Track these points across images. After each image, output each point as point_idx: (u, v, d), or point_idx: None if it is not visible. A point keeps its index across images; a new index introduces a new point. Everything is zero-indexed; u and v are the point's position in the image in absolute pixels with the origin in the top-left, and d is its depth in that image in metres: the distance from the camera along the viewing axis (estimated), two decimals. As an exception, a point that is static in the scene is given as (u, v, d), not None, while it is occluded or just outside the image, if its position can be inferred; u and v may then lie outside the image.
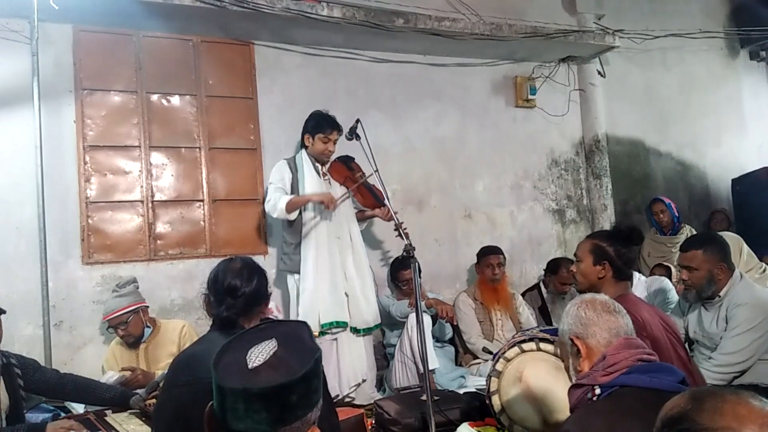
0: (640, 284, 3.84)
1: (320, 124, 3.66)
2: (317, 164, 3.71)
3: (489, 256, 4.29)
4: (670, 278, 4.10)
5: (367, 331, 3.65)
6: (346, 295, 3.58)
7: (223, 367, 1.14)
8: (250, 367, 1.12)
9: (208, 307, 2.07)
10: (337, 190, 3.73)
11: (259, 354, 1.13)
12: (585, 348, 1.68)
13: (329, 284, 3.52)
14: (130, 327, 3.29)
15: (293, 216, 3.55)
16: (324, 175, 3.71)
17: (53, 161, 3.70)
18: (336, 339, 3.56)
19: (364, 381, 3.61)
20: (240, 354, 1.15)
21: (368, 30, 4.26)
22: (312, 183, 3.61)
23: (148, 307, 3.46)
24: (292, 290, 3.66)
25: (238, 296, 1.98)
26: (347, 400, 3.48)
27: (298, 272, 3.57)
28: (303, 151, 3.72)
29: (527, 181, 5.29)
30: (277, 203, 3.51)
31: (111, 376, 3.11)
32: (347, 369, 3.54)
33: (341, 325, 3.51)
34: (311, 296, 3.49)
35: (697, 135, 6.13)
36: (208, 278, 2.07)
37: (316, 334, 3.42)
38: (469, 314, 4.18)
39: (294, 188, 3.61)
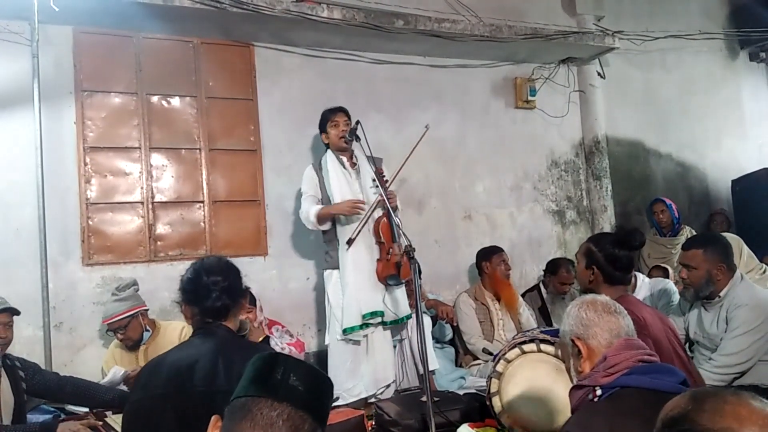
0: (645, 285, 3.84)
1: (325, 116, 3.76)
2: (341, 157, 3.69)
3: (500, 253, 4.28)
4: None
5: (394, 323, 3.61)
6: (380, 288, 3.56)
7: None
8: None
9: (187, 311, 2.02)
10: (368, 178, 3.66)
11: None
12: (586, 349, 1.68)
13: (367, 276, 3.50)
14: (129, 331, 3.30)
15: (326, 226, 3.60)
16: (353, 165, 3.70)
17: (53, 162, 3.70)
18: (367, 336, 3.53)
19: (393, 382, 3.60)
20: None
21: (368, 31, 4.26)
22: (338, 178, 3.60)
23: (147, 310, 3.45)
24: (335, 286, 3.59)
25: (223, 286, 1.98)
26: (372, 401, 3.41)
27: (338, 268, 3.57)
28: (327, 151, 3.73)
29: (527, 182, 5.29)
30: (309, 215, 3.58)
31: (116, 372, 3.11)
32: (379, 368, 3.52)
33: (378, 314, 3.48)
34: (352, 288, 3.48)
35: (696, 136, 6.14)
36: (182, 284, 2.04)
37: (359, 324, 3.44)
38: (470, 315, 4.17)
39: (323, 189, 3.63)
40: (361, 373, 3.49)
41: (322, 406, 1.12)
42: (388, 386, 3.56)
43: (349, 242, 3.51)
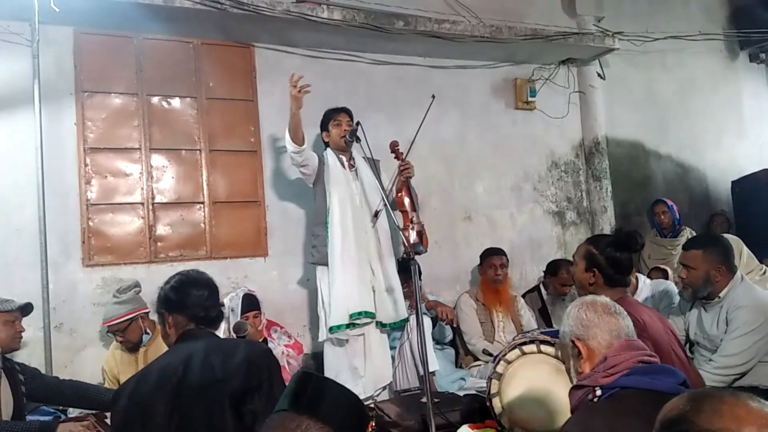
0: (646, 287, 3.84)
1: (327, 115, 3.78)
2: (341, 157, 3.70)
3: (492, 257, 4.31)
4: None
5: (393, 326, 3.61)
6: (373, 289, 3.54)
7: None
8: None
9: (172, 320, 2.05)
10: (366, 180, 3.68)
11: None
12: (586, 349, 1.68)
13: (357, 275, 3.47)
14: (128, 334, 3.30)
15: (299, 148, 3.50)
16: (351, 167, 3.69)
17: (54, 163, 3.71)
18: (363, 335, 3.51)
19: (390, 384, 3.60)
20: None
21: (368, 32, 4.26)
22: (336, 175, 3.60)
23: (148, 312, 3.44)
24: (321, 282, 3.59)
25: (214, 298, 2.08)
26: (370, 402, 3.38)
27: (326, 264, 3.52)
28: (327, 149, 3.74)
29: (527, 183, 5.29)
30: (286, 137, 3.52)
31: None
32: (375, 369, 3.52)
33: (369, 315, 3.45)
34: (341, 286, 3.44)
35: (696, 137, 6.14)
36: (165, 293, 2.09)
37: (346, 324, 3.40)
38: (471, 315, 4.19)
39: (319, 174, 3.65)
40: (360, 374, 3.48)
41: (342, 419, 1.16)
42: (384, 387, 3.57)
43: (376, 215, 3.57)
